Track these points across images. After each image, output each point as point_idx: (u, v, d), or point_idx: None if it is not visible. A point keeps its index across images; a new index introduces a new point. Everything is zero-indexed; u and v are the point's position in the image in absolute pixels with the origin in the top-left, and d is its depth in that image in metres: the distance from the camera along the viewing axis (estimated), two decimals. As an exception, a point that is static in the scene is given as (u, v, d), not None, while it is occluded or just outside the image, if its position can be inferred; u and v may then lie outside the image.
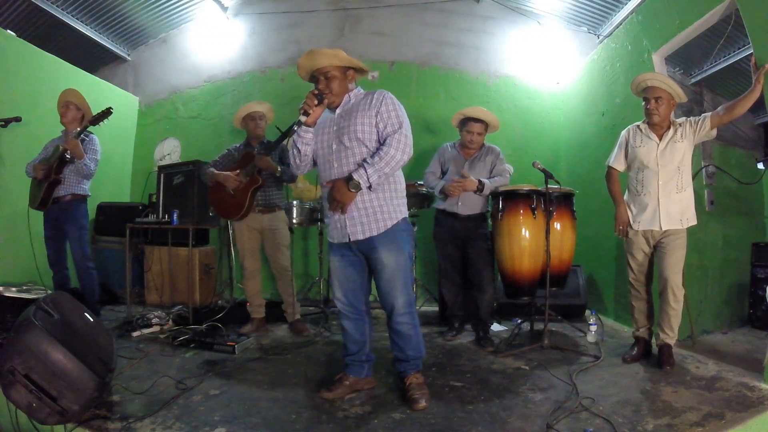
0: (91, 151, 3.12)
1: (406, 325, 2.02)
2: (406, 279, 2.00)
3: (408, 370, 2.06)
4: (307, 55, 2.01)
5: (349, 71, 2.04)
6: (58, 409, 1.62)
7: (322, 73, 2.00)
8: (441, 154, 3.13)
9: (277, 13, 4.63)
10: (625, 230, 2.57)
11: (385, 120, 1.93)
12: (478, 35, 4.57)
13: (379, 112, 1.93)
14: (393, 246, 1.94)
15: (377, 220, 1.93)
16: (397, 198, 2.00)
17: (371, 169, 1.86)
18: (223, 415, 1.85)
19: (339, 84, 2.01)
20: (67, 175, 3.08)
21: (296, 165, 2.07)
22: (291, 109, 3.21)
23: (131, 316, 3.29)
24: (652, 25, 3.10)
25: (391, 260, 1.94)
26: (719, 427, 1.73)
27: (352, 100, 2.03)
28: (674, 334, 2.45)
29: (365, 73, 2.14)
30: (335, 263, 2.08)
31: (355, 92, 2.06)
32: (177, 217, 3.40)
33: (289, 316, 3.23)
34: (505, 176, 3.04)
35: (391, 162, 1.87)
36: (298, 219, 3.66)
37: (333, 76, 1.99)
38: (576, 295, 3.56)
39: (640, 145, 2.51)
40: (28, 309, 1.78)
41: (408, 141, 1.91)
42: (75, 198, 3.12)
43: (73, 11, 4.19)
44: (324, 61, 1.98)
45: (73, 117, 3.13)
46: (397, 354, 2.08)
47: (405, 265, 1.97)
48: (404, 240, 1.98)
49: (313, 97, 1.93)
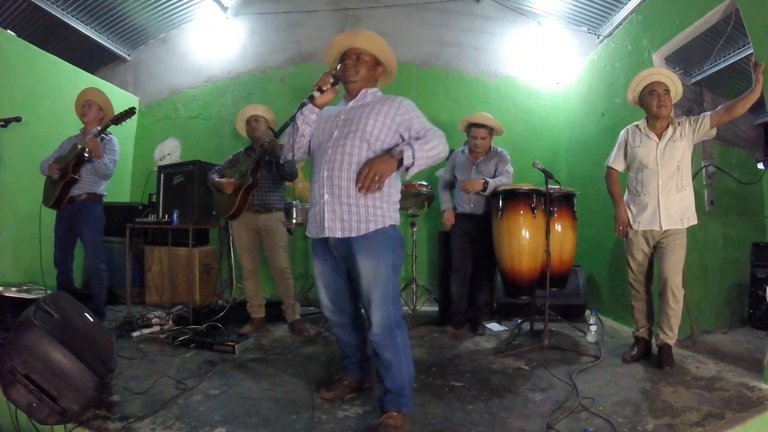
0: (110, 152, 3.04)
1: (384, 348, 1.73)
2: (385, 293, 1.73)
3: (386, 404, 1.74)
4: (348, 33, 1.90)
5: (379, 67, 1.94)
6: (58, 409, 1.62)
7: (355, 53, 1.87)
8: (452, 160, 3.31)
9: (277, 13, 4.63)
10: (624, 230, 2.57)
11: (408, 123, 1.79)
12: (478, 35, 4.57)
13: (402, 120, 1.79)
14: (371, 254, 1.72)
15: (359, 219, 1.73)
16: (388, 203, 1.80)
17: (416, 146, 1.68)
18: (223, 415, 1.85)
19: (367, 71, 1.88)
20: (84, 175, 2.99)
21: (289, 146, 1.92)
22: (291, 109, 3.18)
23: (131, 316, 3.29)
24: (652, 25, 3.10)
25: (368, 270, 1.72)
26: (719, 427, 1.73)
27: (369, 98, 1.89)
28: (674, 334, 2.45)
29: (390, 79, 2.03)
30: (318, 268, 1.93)
31: (373, 91, 1.92)
32: (177, 217, 3.39)
33: (288, 316, 3.23)
34: (508, 176, 3.12)
35: (432, 150, 1.70)
36: (298, 219, 3.67)
37: (365, 61, 1.88)
38: (576, 295, 3.56)
39: (639, 144, 2.52)
40: (28, 309, 1.78)
41: (444, 138, 1.75)
42: (90, 197, 3.04)
43: (73, 11, 4.20)
44: (364, 43, 1.87)
45: (94, 116, 3.08)
46: (379, 382, 1.81)
47: (385, 277, 1.73)
48: (386, 248, 1.75)
49: (329, 76, 1.82)
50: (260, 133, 3.15)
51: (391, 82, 2.05)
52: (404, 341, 1.77)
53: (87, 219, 3.02)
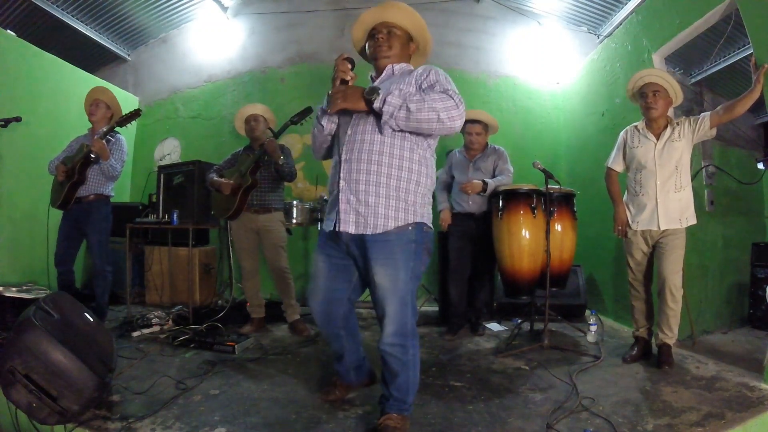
0: (118, 152, 3.00)
1: (394, 359, 1.61)
2: (403, 303, 1.55)
3: (387, 407, 1.67)
4: (378, 7, 1.69)
5: (413, 43, 1.75)
6: (58, 409, 1.62)
7: (387, 26, 1.69)
8: (450, 159, 3.29)
9: (277, 13, 4.64)
10: (623, 230, 2.58)
11: (431, 82, 1.57)
12: (479, 35, 4.57)
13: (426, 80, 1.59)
14: (389, 261, 1.52)
15: (377, 214, 1.51)
16: (415, 194, 1.56)
17: (399, 95, 1.45)
18: (223, 415, 1.85)
19: (400, 46, 1.70)
20: (91, 176, 2.96)
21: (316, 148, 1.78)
22: (291, 109, 3.21)
23: (131, 316, 3.29)
24: (652, 25, 3.10)
25: (383, 278, 1.54)
26: (719, 427, 1.73)
27: (395, 73, 1.70)
28: (673, 334, 2.45)
29: (423, 59, 1.82)
30: (318, 263, 1.73)
31: (401, 66, 1.72)
32: (177, 217, 3.40)
33: (288, 316, 3.23)
34: (508, 175, 3.10)
35: (423, 105, 1.44)
36: (298, 219, 3.67)
37: (397, 35, 1.69)
38: (576, 295, 3.56)
39: (637, 145, 2.52)
40: (28, 309, 1.78)
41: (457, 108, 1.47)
42: (98, 198, 3.01)
43: (73, 11, 4.20)
44: (397, 16, 1.68)
45: (102, 115, 3.05)
46: (383, 384, 1.71)
47: (403, 286, 1.54)
48: (406, 254, 1.53)
49: (345, 62, 1.60)
50: (259, 132, 3.15)
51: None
52: (415, 354, 1.65)
53: (94, 220, 2.99)
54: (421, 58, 1.82)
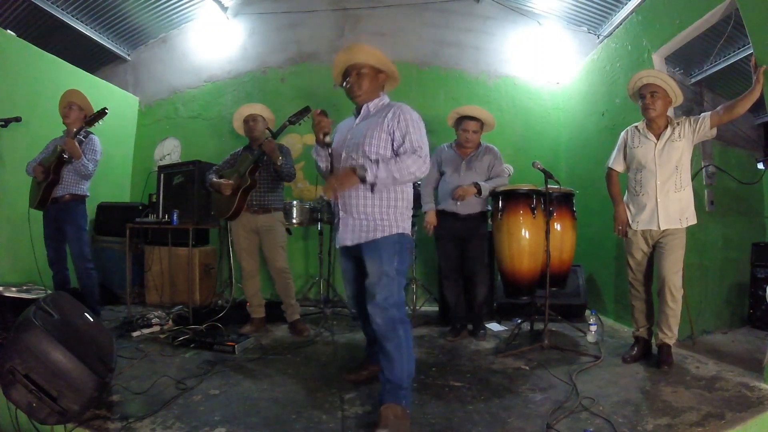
0: (90, 152, 3.10)
1: (387, 340, 1.79)
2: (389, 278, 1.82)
3: (384, 396, 1.80)
4: (345, 50, 2.01)
5: (381, 74, 2.03)
6: (58, 409, 1.62)
7: (355, 69, 1.98)
8: (438, 155, 3.11)
9: (277, 13, 4.63)
10: (623, 230, 2.58)
11: (403, 132, 1.87)
12: (478, 35, 4.57)
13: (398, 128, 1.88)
14: (376, 257, 1.84)
15: (368, 229, 1.87)
16: (397, 211, 1.91)
17: (383, 166, 1.78)
18: (223, 415, 1.85)
19: (370, 83, 1.99)
20: (66, 175, 3.06)
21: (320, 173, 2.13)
22: (291, 109, 3.20)
23: (131, 316, 3.29)
24: (652, 25, 3.10)
25: (372, 270, 1.85)
26: (719, 427, 1.73)
27: (371, 111, 2.00)
28: (673, 333, 2.45)
29: (395, 83, 2.12)
30: (342, 265, 2.13)
31: (375, 102, 2.02)
32: (177, 217, 3.40)
33: (288, 316, 3.23)
34: (504, 177, 3.06)
35: (403, 171, 1.79)
36: (298, 219, 3.66)
37: (365, 74, 1.98)
38: (576, 295, 3.56)
39: (637, 145, 2.52)
40: (28, 309, 1.78)
41: (425, 164, 1.84)
42: (73, 198, 3.10)
43: (73, 11, 4.20)
44: (361, 57, 1.98)
45: (75, 117, 3.11)
46: (380, 373, 1.85)
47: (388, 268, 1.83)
48: (390, 252, 1.84)
49: (321, 115, 1.89)
50: (258, 132, 3.15)
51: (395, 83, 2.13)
52: (407, 335, 1.82)
53: (70, 219, 3.08)
54: (394, 82, 2.12)
